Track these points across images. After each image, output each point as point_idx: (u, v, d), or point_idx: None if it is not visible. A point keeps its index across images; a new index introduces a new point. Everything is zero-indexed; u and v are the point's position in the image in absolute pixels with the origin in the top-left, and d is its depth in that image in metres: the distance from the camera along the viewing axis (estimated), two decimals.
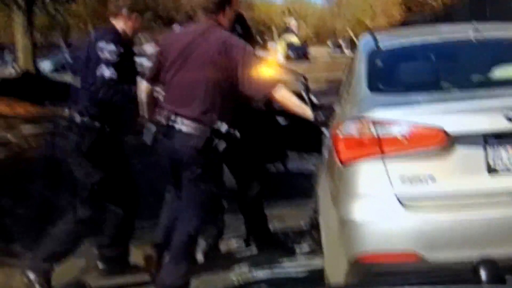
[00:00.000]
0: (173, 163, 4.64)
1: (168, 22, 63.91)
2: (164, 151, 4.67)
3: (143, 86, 4.98)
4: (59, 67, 46.82)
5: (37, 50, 25.52)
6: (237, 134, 4.58)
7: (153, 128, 4.70)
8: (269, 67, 4.92)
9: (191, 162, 4.54)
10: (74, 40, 64.52)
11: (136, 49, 6.28)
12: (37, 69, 23.82)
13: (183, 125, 4.52)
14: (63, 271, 5.57)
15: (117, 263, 5.58)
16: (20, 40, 23.34)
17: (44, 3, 29.01)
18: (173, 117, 4.55)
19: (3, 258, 6.07)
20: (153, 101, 4.91)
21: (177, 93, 4.60)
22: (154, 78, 4.86)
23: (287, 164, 6.80)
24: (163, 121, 4.60)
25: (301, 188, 6.51)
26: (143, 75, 5.11)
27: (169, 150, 4.62)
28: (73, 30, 64.18)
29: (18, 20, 23.43)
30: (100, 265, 5.64)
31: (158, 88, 4.94)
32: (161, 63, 4.77)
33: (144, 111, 4.99)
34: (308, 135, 5.07)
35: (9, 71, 27.51)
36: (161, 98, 4.84)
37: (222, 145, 4.52)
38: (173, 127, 4.54)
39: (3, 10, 33.10)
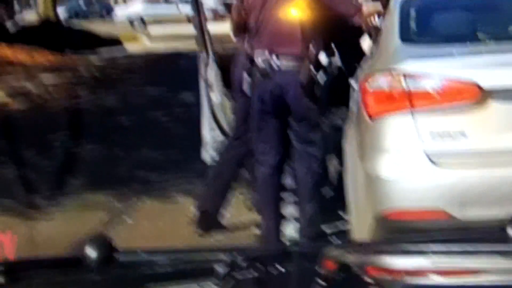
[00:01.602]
0: (276, 103, 4.77)
1: None
2: (266, 91, 4.79)
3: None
4: (74, 15, 47.06)
5: None
6: (338, 62, 4.75)
7: (247, 78, 4.87)
8: None
9: (297, 99, 4.69)
10: None
11: None
12: (57, 17, 23.84)
13: (285, 63, 4.70)
14: (84, 225, 5.68)
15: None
16: None
17: None
18: (272, 58, 4.71)
19: (25, 210, 6.18)
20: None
21: (272, 35, 4.76)
22: (242, 29, 5.02)
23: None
24: (261, 64, 4.74)
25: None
26: None
27: (272, 90, 4.76)
28: None
29: None
30: None
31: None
32: (245, 10, 4.93)
33: None
34: (336, 89, 5.06)
35: (33, 15, 27.58)
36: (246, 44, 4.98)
37: (323, 77, 4.67)
38: (273, 67, 4.71)
39: None
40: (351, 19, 4.92)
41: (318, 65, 4.68)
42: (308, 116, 4.79)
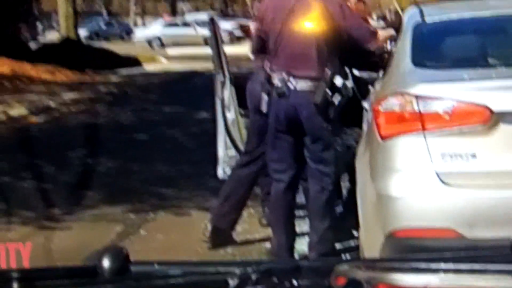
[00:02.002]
0: (291, 122, 4.80)
1: None
2: (281, 110, 4.82)
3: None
4: (94, 35, 47.38)
5: (78, 17, 25.68)
6: (351, 85, 4.76)
7: (266, 97, 4.89)
8: None
9: (310, 119, 4.73)
10: (115, 8, 64.88)
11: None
12: (78, 36, 23.99)
13: (300, 84, 4.73)
14: (100, 236, 5.67)
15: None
16: (63, 7, 23.49)
17: None
18: (289, 79, 4.75)
19: (43, 221, 6.19)
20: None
21: (289, 57, 4.79)
22: (261, 50, 5.08)
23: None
24: (278, 84, 4.77)
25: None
26: None
27: (286, 109, 4.79)
28: None
29: None
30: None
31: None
32: (264, 32, 4.97)
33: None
34: (349, 110, 5.06)
35: (56, 36, 27.79)
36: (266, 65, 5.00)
37: (338, 99, 4.68)
38: (289, 88, 4.74)
39: None
40: (367, 44, 4.90)
41: (333, 87, 4.68)
42: (321, 135, 4.79)
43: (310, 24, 4.75)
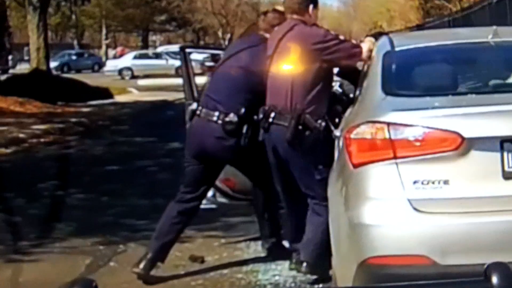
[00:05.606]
0: (274, 155, 5.01)
1: (183, 24, 64.16)
2: (267, 144, 5.04)
3: None
4: (65, 66, 47.24)
5: (50, 49, 25.59)
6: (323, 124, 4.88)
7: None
8: None
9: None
10: (87, 40, 64.71)
11: None
12: (48, 68, 23.89)
13: (277, 119, 4.91)
14: (69, 269, 5.58)
15: None
16: (35, 40, 23.43)
17: (59, 4, 29.01)
18: (272, 113, 4.93)
19: (11, 255, 6.09)
20: None
21: (273, 89, 4.99)
22: None
23: None
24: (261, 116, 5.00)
25: None
26: None
27: (269, 143, 5.01)
28: (87, 30, 64.46)
29: (33, 20, 23.54)
30: None
31: None
32: None
33: None
34: None
35: (27, 67, 27.68)
36: None
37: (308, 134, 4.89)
38: (271, 122, 4.94)
39: (20, 11, 33.19)
40: (354, 61, 4.98)
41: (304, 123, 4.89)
42: None
43: (290, 59, 4.91)
